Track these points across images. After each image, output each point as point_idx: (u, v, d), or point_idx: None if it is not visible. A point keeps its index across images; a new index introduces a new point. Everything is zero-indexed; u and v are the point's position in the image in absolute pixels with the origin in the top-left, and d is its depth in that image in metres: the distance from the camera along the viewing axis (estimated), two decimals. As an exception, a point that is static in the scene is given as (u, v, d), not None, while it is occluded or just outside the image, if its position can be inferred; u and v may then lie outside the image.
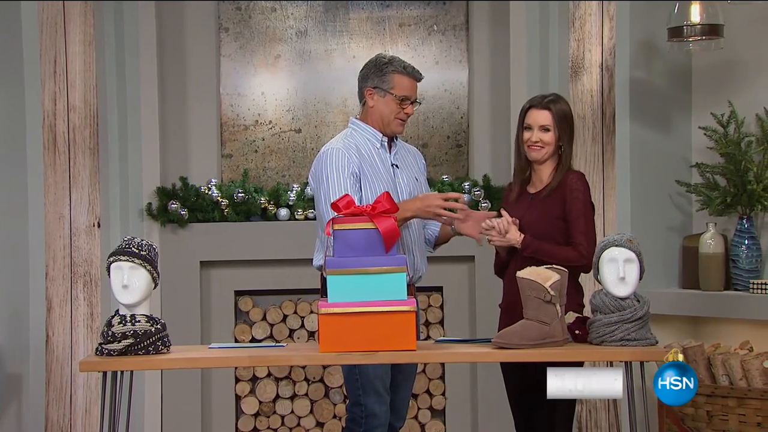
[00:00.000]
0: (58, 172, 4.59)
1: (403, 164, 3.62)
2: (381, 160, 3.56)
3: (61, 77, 4.60)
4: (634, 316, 3.15)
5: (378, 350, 3.10)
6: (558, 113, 3.44)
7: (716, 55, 4.34)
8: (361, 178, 3.50)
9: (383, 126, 3.57)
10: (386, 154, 3.59)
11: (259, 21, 5.14)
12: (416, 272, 3.57)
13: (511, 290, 3.37)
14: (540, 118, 3.44)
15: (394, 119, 3.56)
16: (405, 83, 3.56)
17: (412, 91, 3.58)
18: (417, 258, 3.57)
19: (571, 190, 3.41)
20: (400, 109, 3.55)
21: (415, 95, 3.59)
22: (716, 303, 4.26)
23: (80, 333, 4.60)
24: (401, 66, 3.58)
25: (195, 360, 3.26)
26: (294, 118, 5.15)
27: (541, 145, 3.43)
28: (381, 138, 3.57)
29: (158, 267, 3.24)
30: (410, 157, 3.68)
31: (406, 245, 3.53)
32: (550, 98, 3.48)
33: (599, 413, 4.51)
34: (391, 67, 3.57)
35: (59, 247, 4.59)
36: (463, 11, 5.17)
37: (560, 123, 3.44)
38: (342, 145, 3.53)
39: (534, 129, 3.44)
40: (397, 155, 3.62)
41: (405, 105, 3.56)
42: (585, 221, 3.41)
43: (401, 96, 3.55)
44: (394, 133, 3.59)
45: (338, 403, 5.03)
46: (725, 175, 4.33)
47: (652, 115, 4.47)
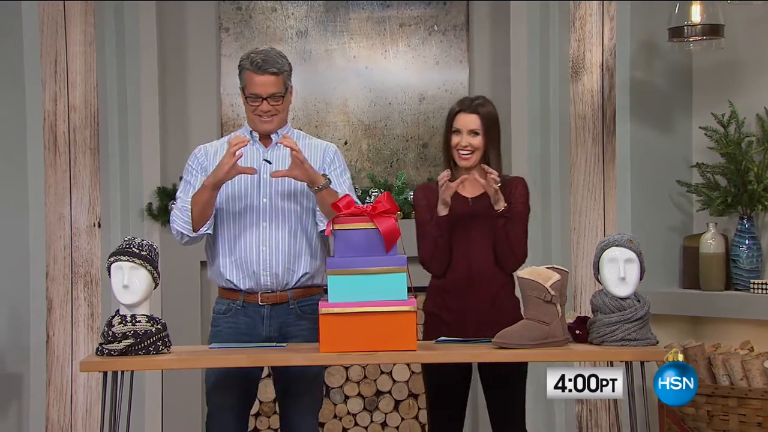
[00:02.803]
0: (58, 172, 4.60)
1: (282, 160, 3.42)
2: (247, 155, 3.40)
3: (61, 77, 4.60)
4: (634, 316, 3.15)
5: (378, 350, 3.10)
6: (486, 117, 3.39)
7: (717, 55, 4.34)
8: (209, 170, 3.40)
9: (252, 124, 3.46)
10: (258, 151, 3.45)
11: (259, 21, 5.15)
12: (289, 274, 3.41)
13: (456, 295, 3.39)
14: (468, 122, 3.38)
15: (255, 117, 3.41)
16: (253, 80, 3.36)
17: (262, 87, 3.36)
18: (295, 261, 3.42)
19: (518, 194, 3.41)
20: (253, 107, 3.39)
21: (269, 91, 3.36)
22: (717, 303, 4.26)
23: (81, 333, 4.60)
24: (249, 62, 3.38)
25: (195, 360, 3.26)
26: (294, 118, 5.15)
27: (470, 150, 3.39)
28: (251, 131, 3.46)
29: (159, 267, 3.24)
30: (306, 153, 3.40)
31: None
32: (479, 101, 3.42)
33: (599, 413, 4.51)
34: (243, 64, 3.40)
35: (60, 247, 4.59)
36: (463, 11, 5.17)
37: (489, 127, 3.39)
38: (207, 144, 3.53)
39: (463, 133, 3.40)
40: (278, 151, 3.43)
41: (254, 102, 3.38)
42: (526, 226, 3.43)
43: (249, 94, 3.39)
44: (263, 131, 3.43)
45: (339, 403, 5.03)
46: (726, 175, 4.33)
47: (652, 115, 4.47)
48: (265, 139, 3.48)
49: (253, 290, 3.42)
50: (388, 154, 5.19)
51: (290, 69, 3.45)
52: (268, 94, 3.38)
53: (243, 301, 3.43)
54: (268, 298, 3.42)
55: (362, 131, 5.18)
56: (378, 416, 5.03)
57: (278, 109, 3.41)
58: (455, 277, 3.40)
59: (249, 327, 3.43)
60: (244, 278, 3.41)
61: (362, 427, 5.03)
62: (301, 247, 3.42)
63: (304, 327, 3.44)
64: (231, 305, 3.45)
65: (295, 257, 3.42)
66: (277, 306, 3.43)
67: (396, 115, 5.17)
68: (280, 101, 3.41)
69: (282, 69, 3.40)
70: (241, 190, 3.43)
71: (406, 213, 4.88)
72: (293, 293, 3.43)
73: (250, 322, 3.43)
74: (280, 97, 3.40)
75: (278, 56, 3.42)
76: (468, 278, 3.38)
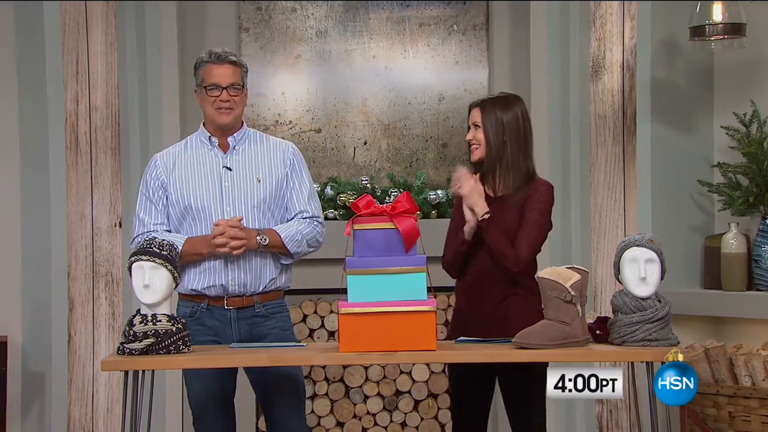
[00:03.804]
0: (80, 173, 4.62)
1: (241, 166, 3.42)
2: (206, 163, 3.42)
3: (83, 78, 4.62)
4: (655, 317, 3.14)
5: (398, 350, 3.10)
6: (487, 111, 3.37)
7: (738, 54, 4.32)
8: (169, 184, 3.41)
9: (211, 123, 3.44)
10: (217, 157, 3.43)
11: (279, 21, 5.16)
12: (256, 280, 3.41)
13: (469, 297, 3.38)
14: (474, 116, 3.41)
15: (215, 111, 3.39)
16: (212, 71, 3.38)
17: (220, 77, 3.37)
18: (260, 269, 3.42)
19: (535, 200, 3.36)
20: (213, 98, 3.38)
21: (228, 81, 3.37)
22: (738, 303, 4.23)
23: (102, 332, 4.62)
24: (207, 55, 3.41)
25: (215, 359, 3.27)
26: (314, 119, 5.16)
27: (476, 144, 3.39)
28: (209, 137, 3.44)
29: (179, 267, 3.25)
30: (266, 156, 3.45)
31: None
32: (491, 96, 3.45)
33: (620, 413, 4.49)
34: (200, 60, 3.43)
35: (81, 247, 4.61)
36: (483, 11, 5.16)
37: (487, 120, 3.36)
38: (163, 152, 3.49)
39: (471, 128, 3.42)
40: (237, 157, 3.43)
41: (214, 92, 3.38)
42: (536, 234, 3.36)
43: (208, 84, 3.38)
44: (221, 124, 3.40)
45: (358, 403, 5.03)
46: (747, 174, 4.30)
47: (673, 115, 4.45)
48: (222, 141, 3.45)
49: (220, 296, 3.42)
50: (408, 154, 5.19)
51: (246, 69, 3.48)
52: (228, 83, 3.39)
53: (208, 304, 3.42)
54: (234, 302, 3.42)
55: (382, 131, 5.18)
56: (398, 416, 5.03)
57: (236, 101, 3.41)
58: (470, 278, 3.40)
59: (217, 330, 3.42)
60: (210, 287, 3.41)
61: (382, 427, 5.04)
62: (266, 254, 3.42)
63: (273, 326, 3.45)
64: (195, 307, 3.43)
65: (262, 265, 3.42)
66: (243, 309, 3.43)
67: (415, 115, 5.17)
68: (239, 93, 3.41)
69: (240, 63, 3.45)
70: (204, 201, 3.41)
71: (426, 213, 4.89)
72: (259, 298, 3.44)
73: (218, 325, 3.42)
74: (239, 88, 3.41)
75: (236, 53, 3.48)
76: (478, 280, 3.38)
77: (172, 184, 3.42)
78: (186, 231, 3.42)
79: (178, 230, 3.43)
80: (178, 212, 3.42)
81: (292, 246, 3.41)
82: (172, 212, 3.43)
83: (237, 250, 3.31)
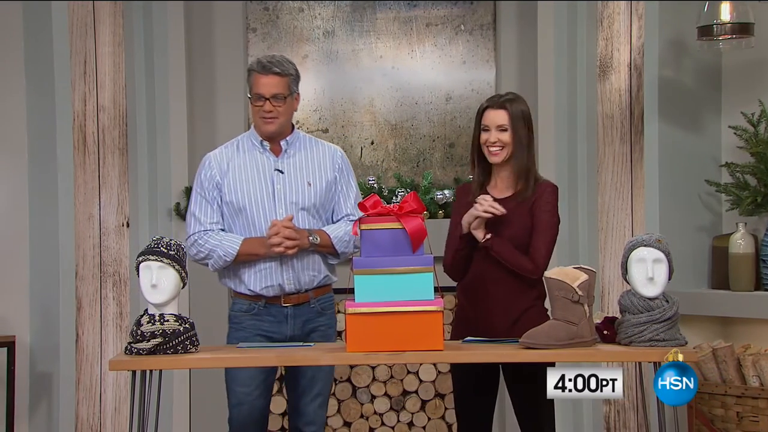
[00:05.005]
0: (87, 172, 4.63)
1: (293, 169, 3.49)
2: (259, 166, 3.48)
3: (90, 78, 4.64)
4: (663, 317, 3.13)
5: (405, 350, 3.10)
6: (515, 113, 3.37)
7: (746, 53, 4.31)
8: (224, 184, 3.46)
9: (257, 128, 3.50)
10: (269, 160, 3.49)
11: (286, 21, 5.16)
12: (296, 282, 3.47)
13: (470, 296, 3.38)
14: (497, 118, 3.36)
15: (259, 119, 3.45)
16: (258, 80, 3.43)
17: (264, 87, 3.41)
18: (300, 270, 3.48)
19: (545, 202, 3.36)
20: (257, 107, 3.44)
21: (272, 91, 3.41)
22: (746, 303, 4.23)
23: (110, 332, 4.63)
24: (256, 64, 3.45)
25: (223, 359, 3.27)
26: (321, 118, 5.16)
27: (500, 146, 3.37)
28: (260, 141, 3.49)
29: (186, 267, 3.26)
30: (316, 160, 3.52)
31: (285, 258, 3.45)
32: (507, 97, 3.41)
33: (628, 413, 4.49)
34: (250, 68, 3.47)
35: (89, 247, 4.62)
36: (490, 11, 5.16)
37: (516, 122, 3.36)
38: (216, 152, 3.53)
39: (491, 129, 3.37)
40: (288, 160, 3.49)
41: (258, 102, 3.43)
42: (551, 235, 3.36)
43: (253, 94, 3.44)
44: (266, 132, 3.46)
45: (365, 403, 5.03)
46: (755, 174, 4.29)
47: (681, 115, 4.44)
48: (274, 145, 3.50)
49: (277, 295, 3.49)
50: (415, 154, 5.19)
51: (297, 75, 3.50)
52: (271, 94, 3.42)
53: (265, 302, 3.49)
54: (290, 299, 3.49)
55: (389, 131, 5.18)
56: (405, 416, 5.04)
57: (279, 111, 3.44)
58: (471, 279, 3.40)
59: (273, 326, 3.48)
60: (268, 287, 3.48)
61: (389, 427, 5.04)
62: (316, 253, 3.49)
63: (322, 322, 3.54)
64: (253, 305, 3.49)
65: (317, 263, 3.50)
66: (299, 306, 3.50)
67: (422, 115, 5.17)
68: (282, 103, 3.44)
69: (287, 72, 3.45)
70: (257, 203, 3.47)
71: (433, 213, 4.88)
72: (313, 293, 3.52)
73: (274, 321, 3.48)
74: (283, 99, 3.43)
75: (285, 61, 3.48)
76: (482, 281, 3.37)
77: (226, 185, 3.48)
78: (238, 232, 3.49)
79: (230, 230, 3.49)
80: (231, 213, 3.48)
81: (341, 246, 3.49)
82: (226, 211, 3.49)
83: (291, 249, 3.38)
